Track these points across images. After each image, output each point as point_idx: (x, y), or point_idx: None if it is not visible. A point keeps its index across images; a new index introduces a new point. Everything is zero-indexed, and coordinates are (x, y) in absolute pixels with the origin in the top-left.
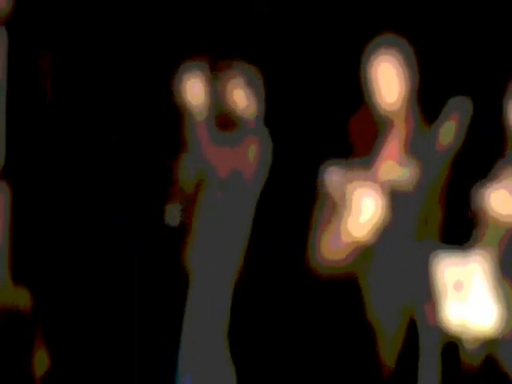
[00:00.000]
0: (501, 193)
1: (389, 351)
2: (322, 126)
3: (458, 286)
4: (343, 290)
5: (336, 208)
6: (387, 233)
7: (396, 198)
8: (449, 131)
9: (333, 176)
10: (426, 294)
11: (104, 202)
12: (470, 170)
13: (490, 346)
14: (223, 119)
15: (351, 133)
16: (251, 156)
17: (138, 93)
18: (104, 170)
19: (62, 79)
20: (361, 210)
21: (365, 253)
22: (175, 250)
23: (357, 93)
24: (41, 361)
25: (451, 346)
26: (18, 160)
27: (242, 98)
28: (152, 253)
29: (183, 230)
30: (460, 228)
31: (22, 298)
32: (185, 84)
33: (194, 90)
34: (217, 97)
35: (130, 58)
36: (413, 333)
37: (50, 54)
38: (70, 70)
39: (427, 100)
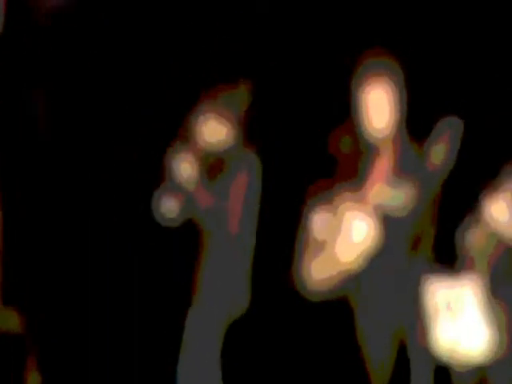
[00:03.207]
0: (501, 204)
1: (379, 376)
2: (307, 147)
3: (449, 308)
4: (333, 314)
5: (324, 235)
6: (378, 255)
7: (388, 220)
8: (439, 152)
9: (321, 203)
10: (416, 317)
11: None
12: (460, 190)
13: (481, 371)
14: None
15: (337, 154)
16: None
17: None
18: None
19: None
20: (350, 236)
21: (355, 275)
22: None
23: (344, 114)
24: (33, 382)
25: (442, 370)
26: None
27: (217, 132)
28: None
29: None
30: (452, 248)
31: (12, 321)
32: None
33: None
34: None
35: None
36: (403, 357)
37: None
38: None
39: (416, 121)
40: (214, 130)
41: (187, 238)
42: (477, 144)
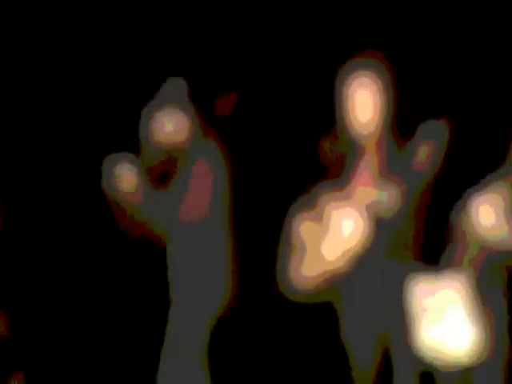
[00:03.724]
0: (485, 207)
1: (363, 377)
2: (293, 147)
3: (434, 309)
4: (317, 315)
5: (308, 235)
6: (363, 256)
7: (373, 221)
8: (424, 153)
9: (303, 219)
10: (401, 318)
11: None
12: (446, 190)
13: (466, 371)
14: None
15: (322, 154)
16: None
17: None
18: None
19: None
20: (338, 235)
21: (339, 277)
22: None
23: (328, 114)
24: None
25: (427, 373)
26: None
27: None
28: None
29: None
30: (438, 248)
31: None
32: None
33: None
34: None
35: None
36: (387, 360)
37: None
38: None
39: (402, 122)
40: (169, 123)
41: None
42: (463, 145)
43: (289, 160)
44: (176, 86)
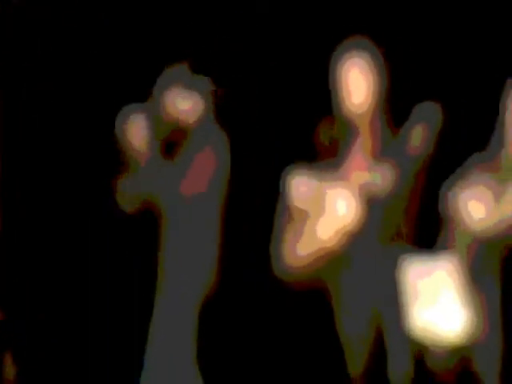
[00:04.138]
0: (472, 198)
1: (356, 358)
2: (286, 128)
3: (427, 291)
4: (310, 296)
5: (301, 213)
6: (356, 237)
7: (366, 202)
8: (417, 136)
9: (301, 182)
10: (394, 299)
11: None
12: (440, 172)
13: (459, 353)
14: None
15: (316, 135)
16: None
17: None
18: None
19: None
20: (331, 213)
21: (332, 257)
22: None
23: (323, 95)
24: (9, 366)
25: (420, 353)
26: None
27: (183, 104)
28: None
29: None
30: (430, 231)
31: None
32: (126, 128)
33: (136, 133)
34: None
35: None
36: (381, 339)
37: None
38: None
39: (395, 105)
40: (181, 101)
41: (145, 223)
42: (457, 128)
43: (284, 145)
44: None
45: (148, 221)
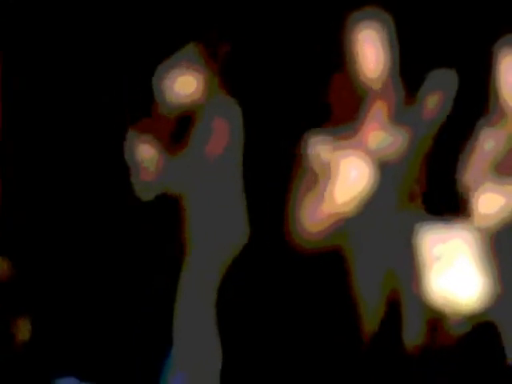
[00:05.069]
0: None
1: (371, 322)
2: (300, 93)
3: (443, 258)
4: (325, 262)
5: (318, 178)
6: (371, 203)
7: (381, 168)
8: (432, 102)
9: (316, 147)
10: (410, 265)
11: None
12: (454, 139)
13: (474, 319)
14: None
15: (331, 100)
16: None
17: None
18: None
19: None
20: (346, 179)
21: (348, 223)
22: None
23: (337, 60)
24: (23, 328)
25: (435, 318)
26: None
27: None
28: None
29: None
30: (445, 198)
31: (1, 269)
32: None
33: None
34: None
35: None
36: (396, 304)
37: None
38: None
39: (409, 72)
40: (184, 82)
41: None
42: (470, 94)
43: (297, 107)
44: (188, 48)
45: (166, 203)
